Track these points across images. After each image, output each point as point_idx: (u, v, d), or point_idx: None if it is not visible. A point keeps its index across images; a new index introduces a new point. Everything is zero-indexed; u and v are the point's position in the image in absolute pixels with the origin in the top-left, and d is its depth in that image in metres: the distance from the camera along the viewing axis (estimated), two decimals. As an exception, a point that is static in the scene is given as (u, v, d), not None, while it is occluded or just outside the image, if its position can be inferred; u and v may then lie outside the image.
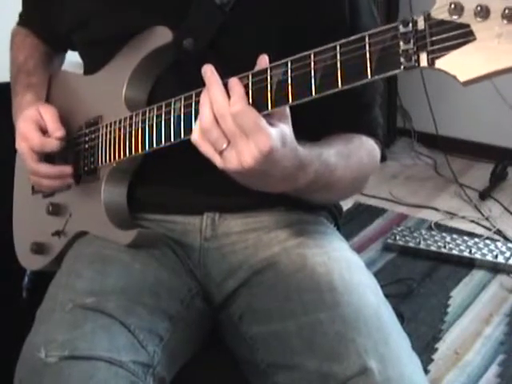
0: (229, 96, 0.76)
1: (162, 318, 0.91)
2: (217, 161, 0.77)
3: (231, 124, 0.74)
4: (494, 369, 1.74)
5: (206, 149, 0.77)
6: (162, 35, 0.92)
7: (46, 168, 1.01)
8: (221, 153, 0.76)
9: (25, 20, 1.20)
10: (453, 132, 3.00)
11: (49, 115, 1.01)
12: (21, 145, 1.01)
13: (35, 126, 1.00)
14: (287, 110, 0.78)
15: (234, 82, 0.77)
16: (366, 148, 0.98)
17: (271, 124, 0.75)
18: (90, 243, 1.01)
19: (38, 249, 1.10)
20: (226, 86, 0.77)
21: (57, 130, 0.99)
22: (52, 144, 0.99)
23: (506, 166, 2.76)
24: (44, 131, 1.00)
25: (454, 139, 3.00)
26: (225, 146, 0.75)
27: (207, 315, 1.00)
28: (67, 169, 1.02)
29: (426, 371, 1.72)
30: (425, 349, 1.80)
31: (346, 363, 0.79)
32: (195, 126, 0.78)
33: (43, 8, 1.10)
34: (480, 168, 2.88)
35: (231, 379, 0.97)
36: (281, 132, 0.75)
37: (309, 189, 0.86)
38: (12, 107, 1.11)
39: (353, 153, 0.94)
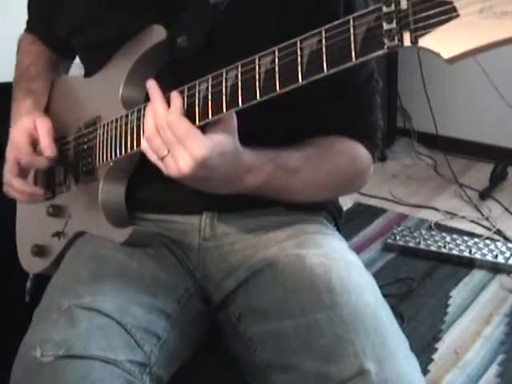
0: None
1: (159, 317, 0.90)
2: (161, 167, 0.83)
3: (169, 133, 0.81)
4: (493, 369, 1.73)
5: (151, 156, 0.84)
6: (156, 34, 0.92)
7: (19, 184, 1.04)
8: (162, 159, 0.82)
9: (30, 26, 1.21)
10: (453, 132, 3.00)
11: (43, 130, 1.02)
12: (10, 153, 1.03)
13: (28, 138, 1.02)
14: (234, 120, 0.82)
15: (173, 95, 0.83)
16: (347, 154, 0.98)
17: (214, 133, 0.80)
18: (87, 243, 1.01)
19: (39, 251, 1.11)
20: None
21: (48, 149, 1.01)
22: (41, 162, 1.02)
23: (506, 166, 2.76)
24: (36, 144, 1.02)
25: (454, 139, 3.00)
26: (165, 153, 0.82)
27: (205, 315, 1.00)
28: (39, 191, 1.06)
29: (426, 371, 1.72)
30: (425, 349, 1.80)
31: (343, 364, 0.78)
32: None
33: (45, 14, 1.10)
34: (480, 168, 2.88)
35: (230, 379, 0.97)
36: (217, 142, 0.80)
37: (265, 190, 0.90)
38: (11, 111, 1.11)
39: (326, 158, 0.95)
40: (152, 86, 0.86)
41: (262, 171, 0.88)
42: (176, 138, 0.80)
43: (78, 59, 1.12)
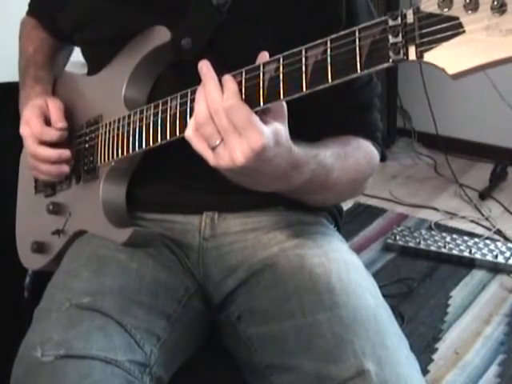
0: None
1: (159, 317, 0.91)
2: (209, 157, 0.76)
3: (225, 120, 0.73)
4: (493, 369, 1.73)
5: (199, 144, 0.76)
6: (160, 35, 0.92)
7: (46, 151, 1.01)
8: (213, 149, 0.75)
9: (33, 10, 1.20)
10: (453, 132, 3.00)
11: (55, 108, 1.02)
12: (24, 129, 1.02)
13: (40, 113, 1.02)
14: (284, 109, 0.77)
15: (227, 78, 0.76)
16: (363, 150, 0.97)
17: (266, 122, 0.74)
18: (87, 242, 1.01)
19: (39, 248, 1.11)
20: (221, 83, 0.77)
21: (58, 121, 1.01)
22: (51, 133, 1.01)
23: (506, 166, 2.76)
24: (48, 122, 1.02)
25: (454, 139, 3.00)
26: (218, 142, 0.74)
27: (205, 315, 1.00)
28: (66, 152, 1.01)
29: (426, 371, 1.72)
30: (425, 349, 1.80)
31: (343, 365, 0.78)
32: (190, 122, 0.78)
33: (48, 5, 1.10)
34: (480, 168, 2.88)
35: (230, 379, 0.97)
36: (274, 130, 0.74)
37: (304, 189, 0.86)
38: (19, 97, 1.12)
39: (350, 154, 0.93)
40: (205, 66, 0.77)
41: (306, 169, 0.82)
42: (232, 126, 0.73)
43: (80, 58, 1.12)
